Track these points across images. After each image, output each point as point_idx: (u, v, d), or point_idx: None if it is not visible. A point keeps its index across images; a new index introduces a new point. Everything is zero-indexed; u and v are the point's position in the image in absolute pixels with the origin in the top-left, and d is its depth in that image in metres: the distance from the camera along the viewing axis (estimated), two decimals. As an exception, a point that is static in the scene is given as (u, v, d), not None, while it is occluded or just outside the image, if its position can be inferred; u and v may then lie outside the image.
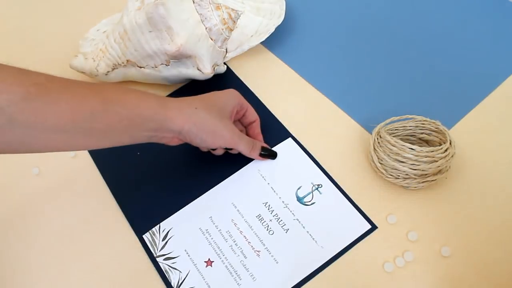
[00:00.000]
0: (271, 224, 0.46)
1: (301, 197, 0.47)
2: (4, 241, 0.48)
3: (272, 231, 0.46)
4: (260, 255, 0.45)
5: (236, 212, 0.47)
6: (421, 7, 0.62)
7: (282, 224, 0.46)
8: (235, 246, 0.45)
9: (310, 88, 0.56)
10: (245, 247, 0.45)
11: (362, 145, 0.51)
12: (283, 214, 0.47)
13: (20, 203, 0.50)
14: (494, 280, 0.42)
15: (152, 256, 0.45)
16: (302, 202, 0.47)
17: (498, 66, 0.56)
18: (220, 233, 0.46)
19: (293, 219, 0.46)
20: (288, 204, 0.47)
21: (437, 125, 0.47)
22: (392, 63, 0.57)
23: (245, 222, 0.47)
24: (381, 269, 0.44)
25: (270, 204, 0.47)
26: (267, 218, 0.46)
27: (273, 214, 0.47)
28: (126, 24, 0.51)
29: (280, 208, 0.47)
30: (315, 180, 0.48)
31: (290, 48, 0.60)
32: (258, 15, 0.57)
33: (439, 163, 0.44)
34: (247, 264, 0.44)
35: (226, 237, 0.46)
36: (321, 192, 0.47)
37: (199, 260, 0.45)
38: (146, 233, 0.47)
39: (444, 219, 0.46)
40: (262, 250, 0.45)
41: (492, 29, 0.59)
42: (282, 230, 0.46)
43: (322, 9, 0.63)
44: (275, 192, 0.48)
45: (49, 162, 0.52)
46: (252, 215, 0.47)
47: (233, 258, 0.45)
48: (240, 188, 0.48)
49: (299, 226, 0.46)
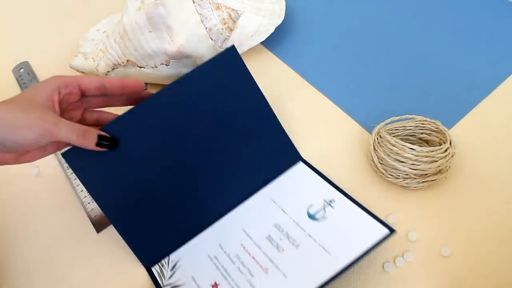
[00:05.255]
0: (281, 242, 0.44)
1: (313, 214, 0.46)
2: (4, 241, 0.48)
3: (282, 249, 0.44)
4: (268, 272, 0.43)
5: (245, 236, 0.46)
6: (421, 7, 0.62)
7: (293, 241, 0.44)
8: (242, 267, 0.44)
9: (310, 88, 0.56)
10: (252, 266, 0.44)
11: (362, 145, 0.51)
12: (294, 231, 0.45)
13: (20, 203, 0.50)
14: (494, 280, 0.42)
15: (160, 286, 0.44)
16: (314, 218, 0.45)
17: (498, 66, 0.56)
18: (228, 257, 0.45)
19: (304, 235, 0.44)
20: (299, 222, 0.45)
21: (437, 125, 0.47)
22: (392, 63, 0.57)
23: (255, 244, 0.45)
24: (381, 269, 0.44)
25: (280, 224, 0.46)
26: (277, 238, 0.45)
27: (283, 233, 0.45)
28: (126, 24, 0.51)
29: (291, 226, 0.45)
30: (327, 197, 0.47)
31: (290, 48, 0.60)
32: (258, 15, 0.57)
33: (439, 163, 0.44)
34: (254, 282, 0.43)
35: (234, 260, 0.44)
36: (333, 207, 0.46)
37: (205, 284, 0.43)
38: (155, 265, 0.45)
39: (444, 219, 0.46)
40: (270, 267, 0.43)
41: (492, 29, 0.59)
42: (293, 246, 0.44)
43: (322, 9, 0.63)
44: (285, 213, 0.46)
45: (49, 162, 0.52)
46: (261, 237, 0.45)
47: (240, 278, 0.43)
48: (250, 214, 0.47)
49: (311, 240, 0.44)
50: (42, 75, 0.62)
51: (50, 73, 0.51)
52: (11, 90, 0.61)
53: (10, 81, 0.61)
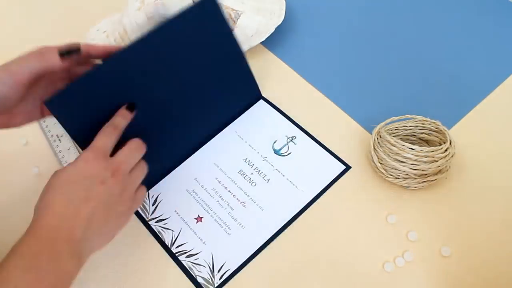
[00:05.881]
0: (253, 176, 0.50)
1: (278, 149, 0.51)
2: (4, 241, 0.48)
3: (255, 183, 0.49)
4: (245, 205, 0.48)
5: (219, 171, 0.50)
6: (421, 7, 0.62)
7: (263, 175, 0.49)
8: (221, 201, 0.49)
9: (310, 88, 0.56)
10: (231, 200, 0.49)
11: (362, 145, 0.51)
12: (262, 166, 0.50)
13: (20, 202, 0.50)
14: (494, 280, 0.42)
15: (144, 220, 0.48)
16: (279, 154, 0.51)
17: (498, 66, 0.56)
18: (206, 191, 0.49)
19: (272, 169, 0.50)
20: (266, 157, 0.51)
21: (437, 125, 0.47)
22: (392, 63, 0.57)
23: (228, 178, 0.50)
24: (381, 269, 0.44)
25: (249, 159, 0.51)
26: (249, 172, 0.50)
27: (253, 168, 0.50)
28: (126, 24, 0.51)
29: (259, 161, 0.50)
30: (289, 133, 0.52)
31: (290, 48, 0.60)
32: (258, 15, 0.57)
33: (439, 163, 0.44)
34: (235, 215, 0.48)
35: (212, 194, 0.49)
36: (296, 143, 0.51)
37: (189, 218, 0.48)
38: None
39: (444, 219, 0.46)
40: (247, 200, 0.48)
41: (492, 29, 0.59)
42: (264, 180, 0.49)
43: (322, 9, 0.63)
44: (253, 148, 0.51)
45: (49, 161, 0.52)
46: (234, 172, 0.50)
47: (221, 211, 0.48)
48: (220, 150, 0.52)
49: (279, 175, 0.49)
50: (42, 75, 0.61)
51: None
52: (11, 90, 0.61)
53: (10, 81, 0.61)
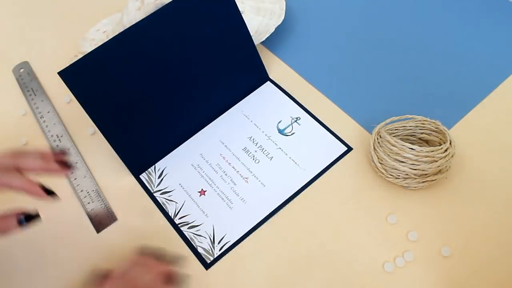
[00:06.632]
0: (256, 154, 0.51)
1: (282, 129, 0.52)
2: (4, 240, 0.48)
3: (258, 160, 0.51)
4: (248, 181, 0.50)
5: (224, 147, 0.52)
6: (421, 7, 0.62)
7: (267, 153, 0.51)
8: (225, 176, 0.50)
9: (310, 88, 0.56)
10: (234, 176, 0.50)
11: (362, 145, 0.51)
12: (266, 145, 0.52)
13: (20, 203, 0.50)
14: (494, 280, 0.42)
15: (150, 192, 0.50)
16: (283, 133, 0.52)
17: (498, 66, 0.56)
18: (210, 166, 0.51)
19: (276, 148, 0.51)
20: (270, 136, 0.52)
21: (437, 125, 0.47)
22: (392, 63, 0.57)
23: (233, 155, 0.51)
24: (381, 269, 0.44)
25: (254, 137, 0.52)
26: (252, 150, 0.51)
27: (257, 146, 0.51)
28: (127, 24, 0.51)
29: (264, 140, 0.52)
30: (293, 114, 0.53)
31: (290, 48, 0.60)
32: (258, 15, 0.57)
33: (439, 163, 0.44)
34: (237, 190, 0.49)
35: (216, 169, 0.51)
36: (300, 124, 0.52)
37: (193, 191, 0.50)
38: (143, 173, 0.51)
39: (444, 219, 0.46)
40: (250, 176, 0.50)
41: (492, 29, 0.59)
42: (267, 158, 0.51)
43: (322, 9, 0.63)
44: (258, 127, 0.53)
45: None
46: (238, 149, 0.52)
47: (224, 186, 0.50)
48: (226, 127, 0.54)
49: (282, 153, 0.51)
50: (42, 75, 0.62)
51: (50, 73, 0.51)
52: (11, 90, 0.61)
53: (10, 81, 0.61)
